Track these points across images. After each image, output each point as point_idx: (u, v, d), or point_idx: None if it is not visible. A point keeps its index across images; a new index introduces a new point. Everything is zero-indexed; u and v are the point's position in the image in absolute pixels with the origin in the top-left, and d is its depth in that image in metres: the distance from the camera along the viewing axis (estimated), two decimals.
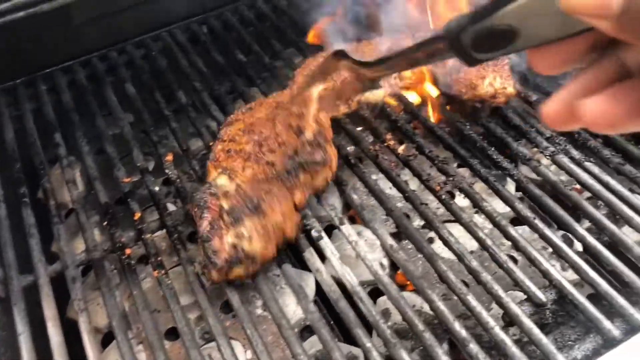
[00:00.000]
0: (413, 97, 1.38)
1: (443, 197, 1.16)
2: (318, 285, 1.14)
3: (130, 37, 1.68)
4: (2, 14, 1.08)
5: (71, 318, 1.24)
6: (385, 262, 1.22)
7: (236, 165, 1.12)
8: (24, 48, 1.57)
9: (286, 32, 1.67)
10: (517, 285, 1.02)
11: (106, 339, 1.19)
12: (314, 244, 1.12)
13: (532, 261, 1.04)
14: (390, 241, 1.10)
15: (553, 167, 1.22)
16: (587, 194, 1.19)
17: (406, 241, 1.21)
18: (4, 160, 1.37)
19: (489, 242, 1.07)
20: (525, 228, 1.14)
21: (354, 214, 1.28)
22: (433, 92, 1.36)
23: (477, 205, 1.15)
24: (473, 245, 1.15)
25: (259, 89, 1.50)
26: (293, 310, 1.15)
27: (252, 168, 1.12)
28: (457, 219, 1.13)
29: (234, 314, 1.14)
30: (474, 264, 1.04)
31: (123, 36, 1.68)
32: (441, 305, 0.99)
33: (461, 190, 1.18)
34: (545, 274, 1.02)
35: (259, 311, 1.16)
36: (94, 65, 1.61)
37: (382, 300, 1.16)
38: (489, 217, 1.12)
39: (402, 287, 1.22)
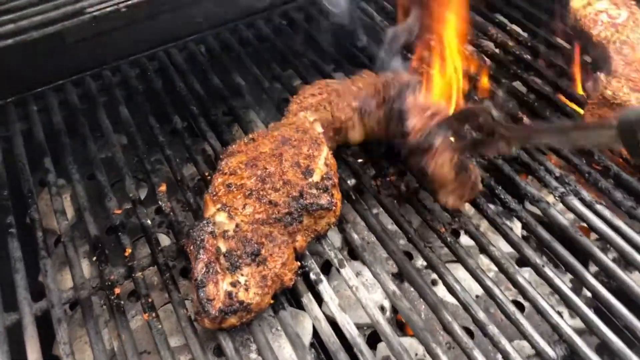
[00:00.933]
0: None
1: (448, 239, 1.11)
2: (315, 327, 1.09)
3: (125, 56, 1.63)
4: None
5: (56, 355, 1.19)
6: (386, 304, 1.18)
7: (236, 202, 1.07)
8: (14, 66, 1.52)
9: (285, 53, 1.62)
10: (525, 338, 0.97)
11: None
12: (312, 287, 1.07)
13: (540, 313, 1.00)
14: (393, 287, 1.05)
15: (562, 208, 1.17)
16: (596, 235, 1.15)
17: (408, 284, 1.17)
18: None
19: (496, 291, 1.03)
20: (532, 270, 1.10)
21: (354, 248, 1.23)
22: None
23: (484, 249, 1.10)
24: (478, 289, 1.11)
25: (257, 114, 1.45)
26: (289, 354, 1.11)
27: (253, 206, 1.07)
28: (463, 263, 1.08)
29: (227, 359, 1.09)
30: (481, 315, 0.99)
31: (117, 55, 1.62)
32: (445, 358, 0.94)
33: (467, 231, 1.13)
34: (555, 328, 0.98)
35: (254, 355, 1.11)
36: (87, 85, 1.56)
37: (383, 346, 1.11)
38: (496, 262, 1.08)
39: (402, 327, 1.18)
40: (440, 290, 1.10)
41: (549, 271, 1.05)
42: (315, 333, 1.14)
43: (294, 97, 1.30)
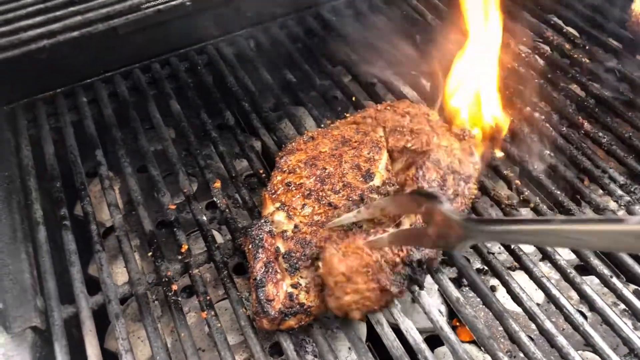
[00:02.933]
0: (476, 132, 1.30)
1: (511, 245, 1.09)
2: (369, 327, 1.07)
3: (174, 49, 1.62)
4: (54, 34, 1.02)
5: (109, 349, 1.19)
6: (443, 309, 1.16)
7: (295, 202, 1.06)
8: (64, 57, 1.51)
9: (335, 49, 1.60)
10: (595, 352, 0.95)
11: None
12: None
13: (610, 325, 0.97)
14: (456, 293, 1.03)
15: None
16: None
17: (467, 288, 1.15)
18: (44, 178, 1.31)
19: (562, 300, 1.00)
20: (594, 279, 1.07)
21: None
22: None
23: (548, 257, 1.08)
24: (539, 296, 1.09)
25: (308, 111, 1.43)
26: (345, 357, 1.09)
27: (312, 207, 1.05)
28: (526, 271, 1.06)
29: (284, 358, 1.08)
30: (548, 324, 0.97)
31: (166, 48, 1.61)
32: None
33: None
34: (625, 341, 0.95)
35: (310, 357, 1.09)
36: (137, 77, 1.55)
37: (442, 351, 1.09)
38: (561, 270, 1.05)
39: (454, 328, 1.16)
40: (501, 298, 1.08)
41: (616, 282, 1.03)
42: (369, 337, 1.12)
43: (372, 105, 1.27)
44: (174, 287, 1.08)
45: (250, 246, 1.03)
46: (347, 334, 1.00)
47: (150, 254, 1.14)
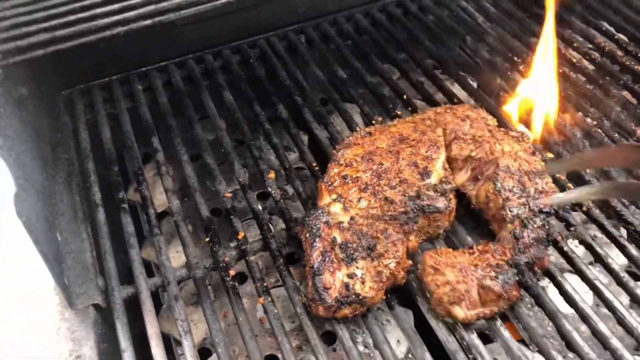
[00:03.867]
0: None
1: (564, 248, 1.10)
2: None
3: (227, 42, 1.65)
4: (128, 22, 1.05)
5: (163, 331, 1.22)
6: None
7: (351, 195, 1.08)
8: (121, 45, 1.55)
9: (385, 47, 1.62)
10: None
11: None
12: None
13: None
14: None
15: None
16: None
17: None
18: (102, 162, 1.35)
19: (615, 303, 1.01)
20: None
21: None
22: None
23: (600, 260, 1.09)
24: (588, 299, 1.10)
25: (359, 108, 1.45)
26: (396, 348, 1.11)
27: (368, 200, 1.07)
28: (579, 273, 1.07)
29: (336, 347, 1.11)
30: (601, 326, 0.98)
31: (219, 40, 1.65)
32: None
33: (582, 241, 1.12)
34: None
35: (361, 348, 1.11)
36: (190, 67, 1.58)
37: (491, 347, 1.11)
38: (614, 274, 1.07)
39: None
40: (553, 296, 1.09)
41: None
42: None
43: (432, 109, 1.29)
44: (232, 272, 1.11)
45: (307, 235, 1.06)
46: (401, 326, 1.02)
47: (207, 239, 1.17)
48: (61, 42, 1.03)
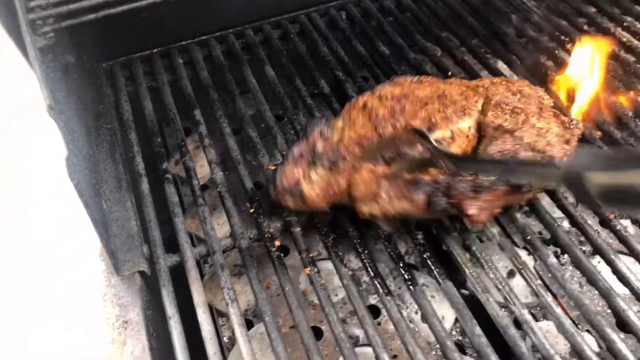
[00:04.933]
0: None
1: (617, 227, 1.07)
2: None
3: (267, 17, 1.64)
4: None
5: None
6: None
7: (358, 119, 1.10)
8: (162, 18, 1.55)
9: (428, 25, 1.59)
10: None
11: None
12: (470, 250, 1.05)
13: None
14: (560, 269, 1.02)
15: None
16: None
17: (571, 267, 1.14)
18: (144, 135, 1.35)
19: None
20: None
21: None
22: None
23: None
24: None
25: None
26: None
27: (367, 129, 1.08)
28: (633, 252, 1.05)
29: (380, 320, 1.10)
30: None
31: (259, 15, 1.63)
32: (620, 346, 0.92)
33: (634, 221, 1.09)
34: None
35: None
36: (231, 42, 1.58)
37: (543, 326, 1.09)
38: None
39: None
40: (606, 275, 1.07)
41: None
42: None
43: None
44: (277, 242, 1.10)
45: (302, 133, 1.13)
46: (450, 300, 1.01)
47: (252, 210, 1.16)
48: (112, 7, 1.03)
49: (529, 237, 1.07)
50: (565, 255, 1.14)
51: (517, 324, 0.97)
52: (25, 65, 1.04)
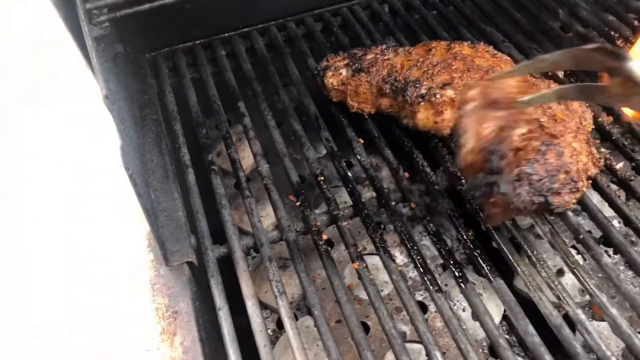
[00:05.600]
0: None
1: None
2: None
3: (309, 9, 1.63)
4: None
5: None
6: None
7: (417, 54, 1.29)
8: (204, 9, 1.55)
9: (473, 18, 1.57)
10: None
11: None
12: (521, 248, 1.04)
13: None
14: (615, 269, 1.00)
15: None
16: None
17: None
18: (189, 126, 1.35)
19: None
20: None
21: None
22: None
23: None
24: None
25: None
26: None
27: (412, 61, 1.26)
28: None
29: (427, 317, 1.09)
30: None
31: (301, 7, 1.63)
32: None
33: None
34: None
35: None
36: (273, 34, 1.57)
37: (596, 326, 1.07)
38: None
39: None
40: None
41: None
42: None
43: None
44: (325, 236, 1.10)
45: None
46: (502, 298, 1.00)
47: (298, 203, 1.16)
48: None
49: (581, 236, 1.05)
50: (617, 255, 1.12)
51: (570, 323, 0.96)
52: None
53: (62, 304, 1.08)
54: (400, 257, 1.22)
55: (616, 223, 1.15)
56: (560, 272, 1.18)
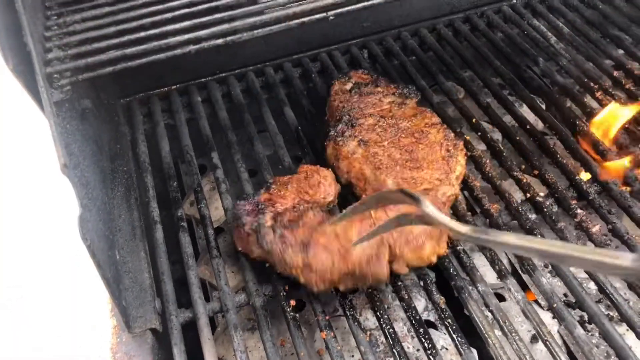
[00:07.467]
0: None
1: None
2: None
3: (288, 55, 1.61)
4: (200, 41, 1.01)
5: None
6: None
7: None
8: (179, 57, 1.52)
9: (450, 64, 1.56)
10: None
11: None
12: (493, 316, 1.01)
13: None
14: (589, 344, 0.98)
15: None
16: None
17: None
18: (161, 177, 1.33)
19: None
20: None
21: None
22: None
23: None
24: None
25: None
26: None
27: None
28: None
29: None
30: None
31: (280, 53, 1.61)
32: None
33: None
34: None
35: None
36: (250, 80, 1.55)
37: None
38: None
39: None
40: None
41: None
42: None
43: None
44: (292, 302, 1.07)
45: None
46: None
47: (268, 264, 1.13)
48: (131, 60, 1.01)
49: (555, 305, 1.03)
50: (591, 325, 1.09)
51: None
52: None
53: (49, 351, 1.05)
54: (372, 320, 1.19)
55: (593, 286, 1.12)
56: (534, 338, 1.15)
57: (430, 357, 0.98)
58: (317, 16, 1.04)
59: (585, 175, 1.25)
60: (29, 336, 1.08)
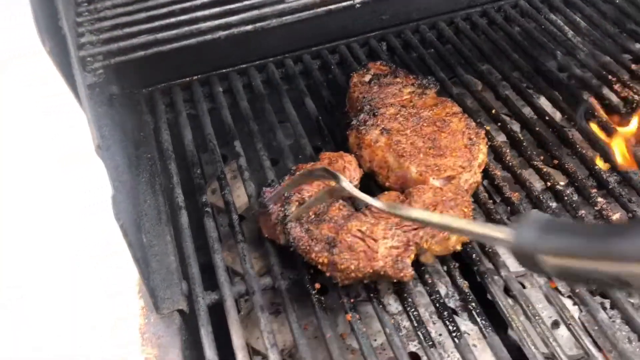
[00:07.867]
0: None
1: None
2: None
3: (307, 47, 1.63)
4: (230, 26, 1.03)
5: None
6: None
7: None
8: (201, 46, 1.54)
9: (469, 57, 1.57)
10: None
11: None
12: (516, 301, 1.02)
13: None
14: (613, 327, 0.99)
15: None
16: None
17: None
18: (184, 165, 1.35)
19: None
20: None
21: None
22: None
23: None
24: None
25: None
26: None
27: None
28: None
29: None
30: None
31: (300, 45, 1.62)
32: None
33: None
34: None
35: None
36: (271, 71, 1.57)
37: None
38: None
39: None
40: None
41: None
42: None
43: None
44: (317, 285, 1.08)
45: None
46: (497, 355, 0.98)
47: (292, 249, 1.14)
48: (162, 44, 1.02)
49: (577, 290, 1.04)
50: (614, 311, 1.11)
51: None
52: None
53: (49, 351, 1.06)
54: (394, 305, 1.20)
55: None
56: (555, 324, 1.17)
57: (455, 339, 0.99)
58: (344, 4, 1.05)
59: (605, 166, 1.26)
60: (29, 336, 1.10)
